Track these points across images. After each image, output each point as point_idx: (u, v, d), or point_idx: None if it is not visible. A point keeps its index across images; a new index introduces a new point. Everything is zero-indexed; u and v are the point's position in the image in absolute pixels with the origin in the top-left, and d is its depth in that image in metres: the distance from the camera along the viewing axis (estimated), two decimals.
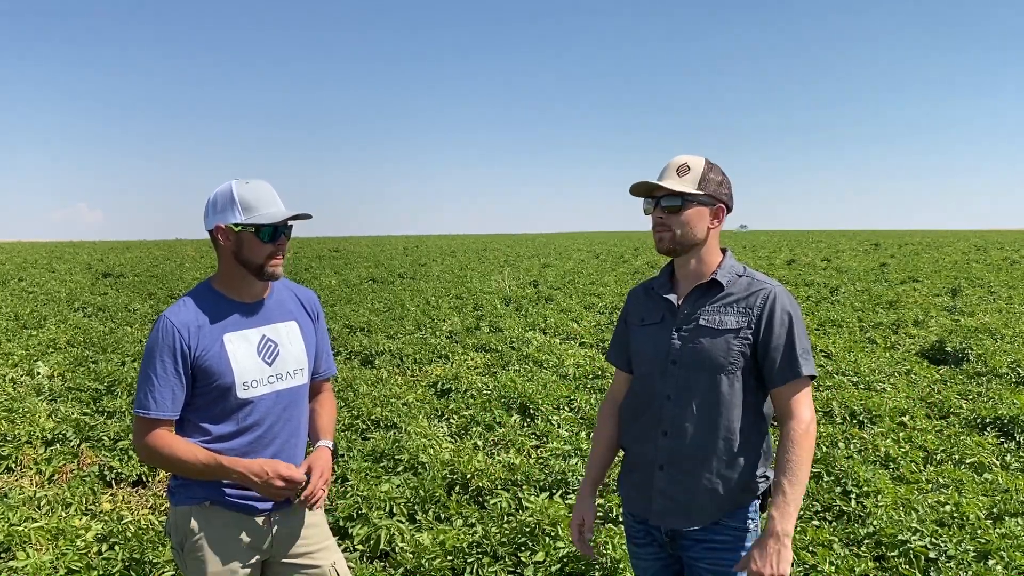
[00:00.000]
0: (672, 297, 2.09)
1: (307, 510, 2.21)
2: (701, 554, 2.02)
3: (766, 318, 1.96)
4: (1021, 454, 5.17)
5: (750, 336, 1.97)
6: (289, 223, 2.11)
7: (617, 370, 2.29)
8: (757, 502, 2.04)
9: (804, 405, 1.92)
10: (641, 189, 2.07)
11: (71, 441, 5.43)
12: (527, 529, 3.82)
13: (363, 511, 4.10)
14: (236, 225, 2.04)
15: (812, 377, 1.96)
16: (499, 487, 4.53)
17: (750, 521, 2.02)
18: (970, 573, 3.41)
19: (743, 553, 1.99)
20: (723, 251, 2.11)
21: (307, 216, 2.10)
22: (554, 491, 4.46)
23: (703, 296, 2.04)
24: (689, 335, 2.02)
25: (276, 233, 2.07)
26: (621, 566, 3.43)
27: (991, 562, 3.51)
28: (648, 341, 2.11)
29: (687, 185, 2.01)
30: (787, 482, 1.84)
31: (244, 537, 2.10)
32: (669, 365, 2.04)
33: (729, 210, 2.09)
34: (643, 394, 2.11)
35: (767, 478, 2.04)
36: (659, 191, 2.03)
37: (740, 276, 2.05)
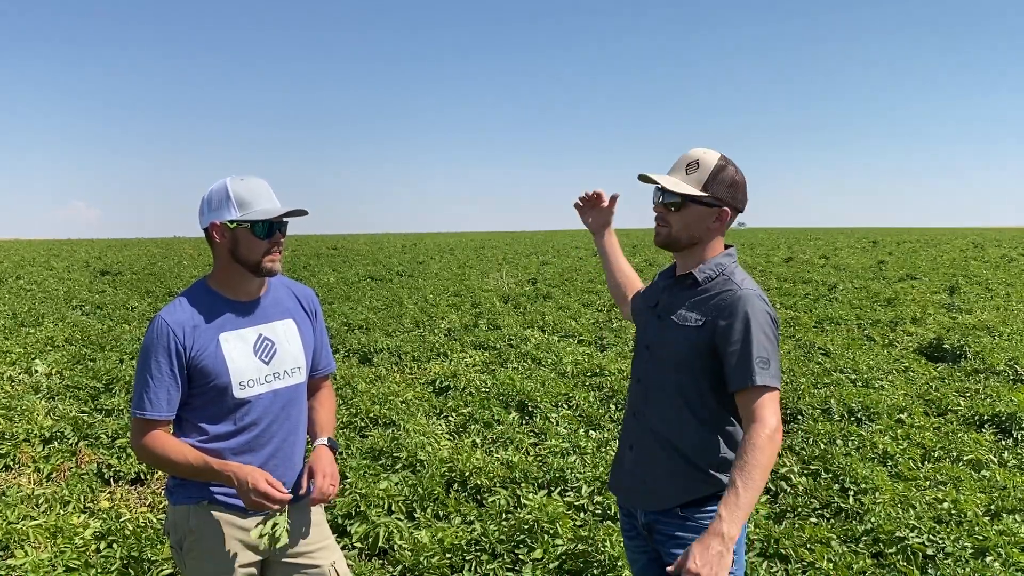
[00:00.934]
0: (667, 286, 2.13)
1: (307, 508, 2.21)
2: (673, 550, 2.01)
3: (724, 320, 1.92)
4: (1018, 451, 5.18)
5: (708, 335, 1.94)
6: (285, 219, 2.10)
7: None
8: None
9: (769, 412, 1.82)
10: (647, 180, 2.06)
11: (69, 439, 5.42)
12: (525, 527, 3.82)
13: (361, 509, 4.09)
14: (231, 222, 2.03)
15: (771, 388, 1.85)
16: (497, 485, 4.53)
17: None
18: (968, 570, 3.41)
19: None
20: (727, 247, 2.08)
21: (303, 212, 2.08)
22: (552, 489, 4.46)
23: (683, 290, 2.06)
24: (661, 325, 2.06)
25: (272, 229, 2.05)
26: (619, 563, 3.44)
27: (989, 559, 3.51)
28: (640, 325, 2.21)
29: (691, 185, 1.98)
30: (741, 484, 1.72)
31: (243, 536, 2.09)
32: (643, 350, 2.12)
33: (739, 211, 2.06)
34: (633, 371, 2.20)
35: None
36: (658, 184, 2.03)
37: (721, 274, 2.01)
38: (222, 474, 1.98)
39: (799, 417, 5.85)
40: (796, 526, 3.89)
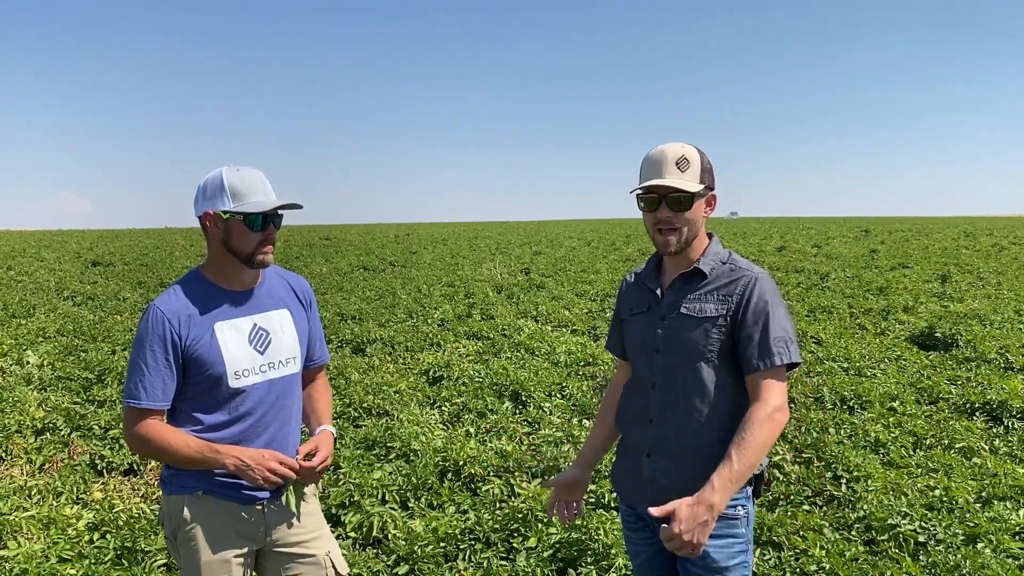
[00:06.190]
0: (658, 286, 2.10)
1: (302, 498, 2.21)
2: None
3: (743, 305, 1.94)
4: (1009, 439, 5.22)
5: (728, 323, 1.95)
6: (279, 212, 2.09)
7: (619, 359, 2.31)
8: (749, 488, 2.02)
9: (774, 392, 1.87)
10: (654, 189, 1.97)
11: (61, 430, 5.40)
12: (519, 515, 3.83)
13: (355, 499, 4.10)
14: (225, 213, 2.02)
15: (789, 366, 1.92)
16: (491, 474, 4.53)
17: (740, 508, 1.99)
18: (959, 556, 3.43)
19: (733, 540, 1.98)
20: (709, 236, 2.09)
21: (297, 206, 2.08)
22: (546, 477, 4.47)
23: (686, 284, 2.03)
24: (671, 323, 2.02)
25: (265, 222, 2.04)
26: (613, 551, 3.45)
27: (980, 545, 3.54)
28: (636, 330, 2.13)
29: (691, 181, 1.96)
30: (736, 457, 1.78)
31: (237, 526, 2.09)
32: (653, 354, 2.05)
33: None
34: (635, 381, 2.14)
35: (760, 465, 2.03)
36: (666, 190, 1.95)
37: (723, 263, 2.03)
38: (225, 459, 1.98)
39: (791, 405, 5.88)
40: (789, 514, 3.91)
